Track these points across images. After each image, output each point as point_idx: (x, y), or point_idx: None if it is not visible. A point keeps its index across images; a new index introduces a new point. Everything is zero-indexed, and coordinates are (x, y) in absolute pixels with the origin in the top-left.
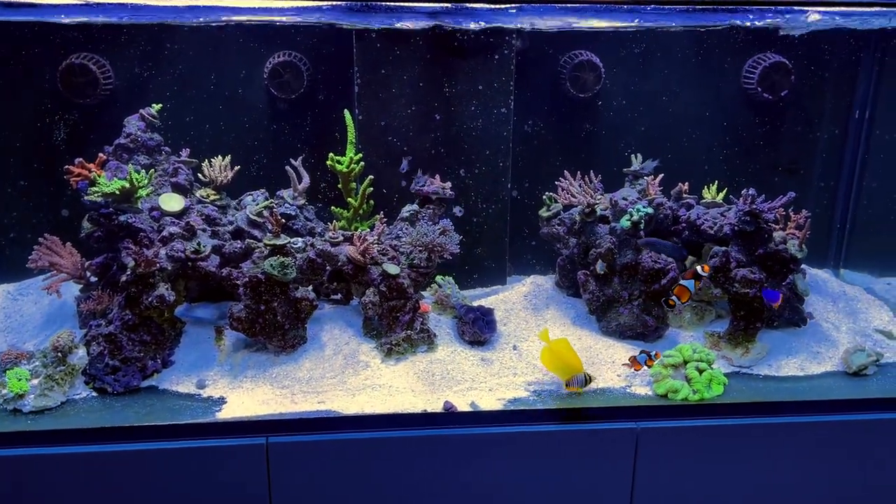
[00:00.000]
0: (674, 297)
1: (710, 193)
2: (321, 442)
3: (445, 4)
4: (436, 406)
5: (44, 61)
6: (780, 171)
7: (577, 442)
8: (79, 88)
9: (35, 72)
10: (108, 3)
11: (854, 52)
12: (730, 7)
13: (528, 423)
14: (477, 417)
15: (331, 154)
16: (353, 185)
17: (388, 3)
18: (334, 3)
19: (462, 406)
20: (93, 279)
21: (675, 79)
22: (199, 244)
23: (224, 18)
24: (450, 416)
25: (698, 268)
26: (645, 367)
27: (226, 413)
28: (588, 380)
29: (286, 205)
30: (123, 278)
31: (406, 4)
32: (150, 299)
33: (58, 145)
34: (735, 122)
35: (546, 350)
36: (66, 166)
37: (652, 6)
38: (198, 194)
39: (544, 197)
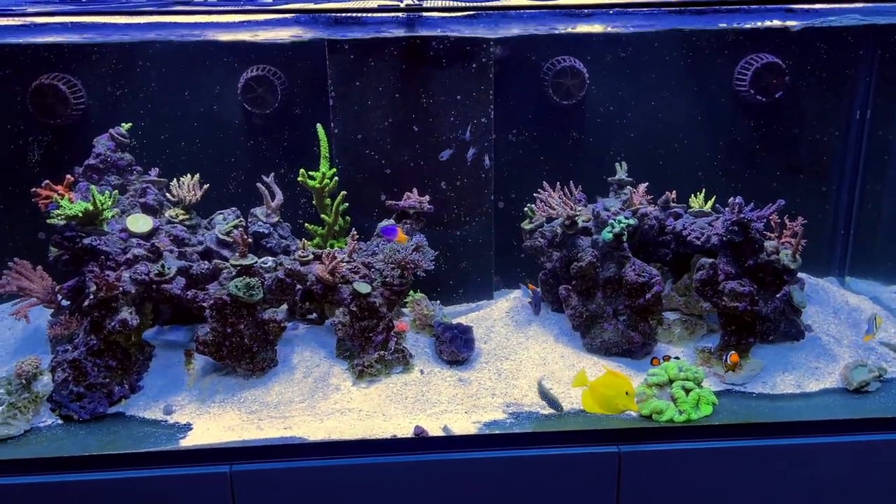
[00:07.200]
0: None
1: (698, 202)
2: (285, 470)
3: (398, 14)
4: (407, 431)
5: (14, 82)
6: (792, 172)
7: (555, 467)
8: (49, 109)
9: (5, 93)
10: (76, 23)
11: (853, 48)
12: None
13: (503, 447)
14: (449, 442)
15: (302, 169)
16: (328, 200)
17: (348, 15)
18: (291, 15)
19: (434, 430)
20: (65, 303)
21: (663, 82)
22: (163, 266)
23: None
24: (420, 442)
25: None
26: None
27: (190, 440)
28: None
29: (259, 223)
30: (86, 302)
31: (363, 15)
32: (112, 324)
33: (32, 167)
34: (728, 126)
35: (587, 393)
36: (34, 189)
37: (614, 9)
38: (167, 214)
39: (526, 209)
